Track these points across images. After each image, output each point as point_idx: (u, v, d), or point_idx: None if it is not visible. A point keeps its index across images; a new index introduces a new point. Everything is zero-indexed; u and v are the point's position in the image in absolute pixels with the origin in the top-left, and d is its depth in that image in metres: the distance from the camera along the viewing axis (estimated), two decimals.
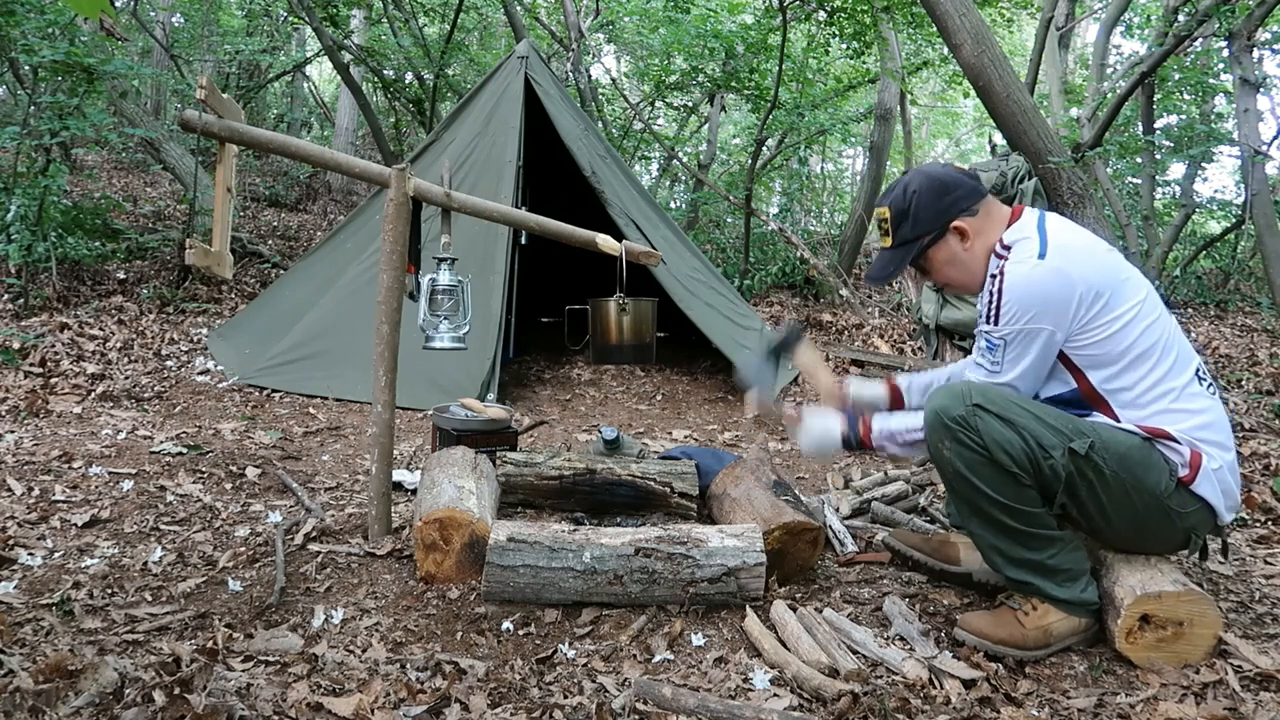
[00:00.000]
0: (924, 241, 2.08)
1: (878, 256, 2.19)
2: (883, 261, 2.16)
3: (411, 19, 9.50)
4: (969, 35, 4.82)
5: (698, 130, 12.02)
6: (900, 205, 2.08)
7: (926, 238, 2.07)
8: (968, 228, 2.05)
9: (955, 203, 2.05)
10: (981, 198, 2.07)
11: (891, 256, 2.13)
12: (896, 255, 2.12)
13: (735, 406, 5.10)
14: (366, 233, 5.28)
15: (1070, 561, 1.96)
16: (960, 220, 2.05)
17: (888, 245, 2.13)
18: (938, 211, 2.05)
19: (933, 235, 2.07)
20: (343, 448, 3.80)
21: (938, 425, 1.95)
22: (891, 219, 2.09)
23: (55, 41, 5.62)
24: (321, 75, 15.46)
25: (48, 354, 4.82)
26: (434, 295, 2.75)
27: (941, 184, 2.06)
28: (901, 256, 2.11)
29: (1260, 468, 3.59)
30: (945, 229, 2.06)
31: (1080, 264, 1.92)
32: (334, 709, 1.67)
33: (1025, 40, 14.54)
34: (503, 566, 2.11)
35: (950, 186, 2.06)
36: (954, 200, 2.05)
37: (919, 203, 2.06)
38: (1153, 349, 1.93)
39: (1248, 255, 9.39)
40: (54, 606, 2.05)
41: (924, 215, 2.06)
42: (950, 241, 2.07)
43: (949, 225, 2.05)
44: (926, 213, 2.05)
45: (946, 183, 2.06)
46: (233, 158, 2.53)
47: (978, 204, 2.06)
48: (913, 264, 2.13)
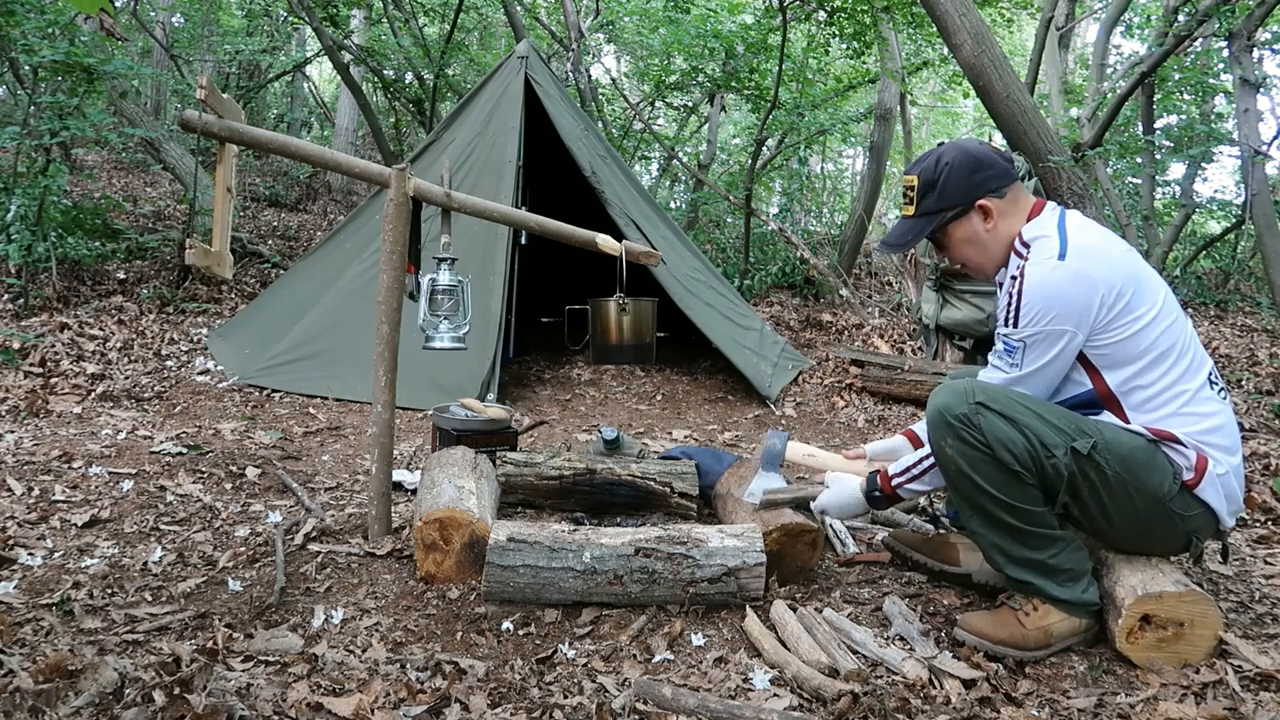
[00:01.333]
0: (947, 215, 2.05)
1: (897, 224, 2.16)
2: (901, 229, 2.13)
3: (411, 19, 9.50)
4: (969, 35, 4.82)
5: (698, 130, 12.02)
6: (930, 175, 2.05)
7: (951, 211, 2.05)
8: (993, 208, 2.03)
9: (986, 181, 2.03)
10: (1012, 181, 2.06)
11: (911, 225, 2.10)
12: (917, 224, 2.09)
13: (735, 406, 5.10)
14: (366, 233, 5.28)
15: (1071, 561, 1.96)
16: (987, 199, 2.03)
17: (909, 214, 2.10)
18: (968, 187, 2.03)
19: (958, 210, 2.05)
20: (343, 448, 3.80)
21: (940, 422, 1.94)
22: (919, 187, 2.07)
23: (55, 41, 5.62)
24: (321, 75, 15.46)
25: (48, 354, 4.82)
26: (434, 295, 2.75)
27: (976, 160, 2.04)
28: (922, 226, 2.08)
29: (1260, 468, 3.59)
30: (971, 205, 2.04)
31: (1101, 264, 1.91)
32: (334, 709, 1.67)
33: (1025, 40, 14.54)
34: (503, 566, 2.11)
35: (984, 164, 2.04)
36: (985, 178, 2.03)
37: (950, 175, 2.03)
38: (1170, 350, 1.92)
39: (1248, 255, 9.39)
40: (54, 606, 2.05)
41: (952, 188, 2.03)
42: (973, 219, 2.05)
43: (975, 202, 2.03)
44: (955, 186, 2.03)
45: (981, 159, 2.04)
46: (233, 158, 2.53)
47: (1007, 187, 2.05)
48: (931, 237, 2.10)
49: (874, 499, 2.20)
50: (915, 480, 2.12)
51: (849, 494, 2.23)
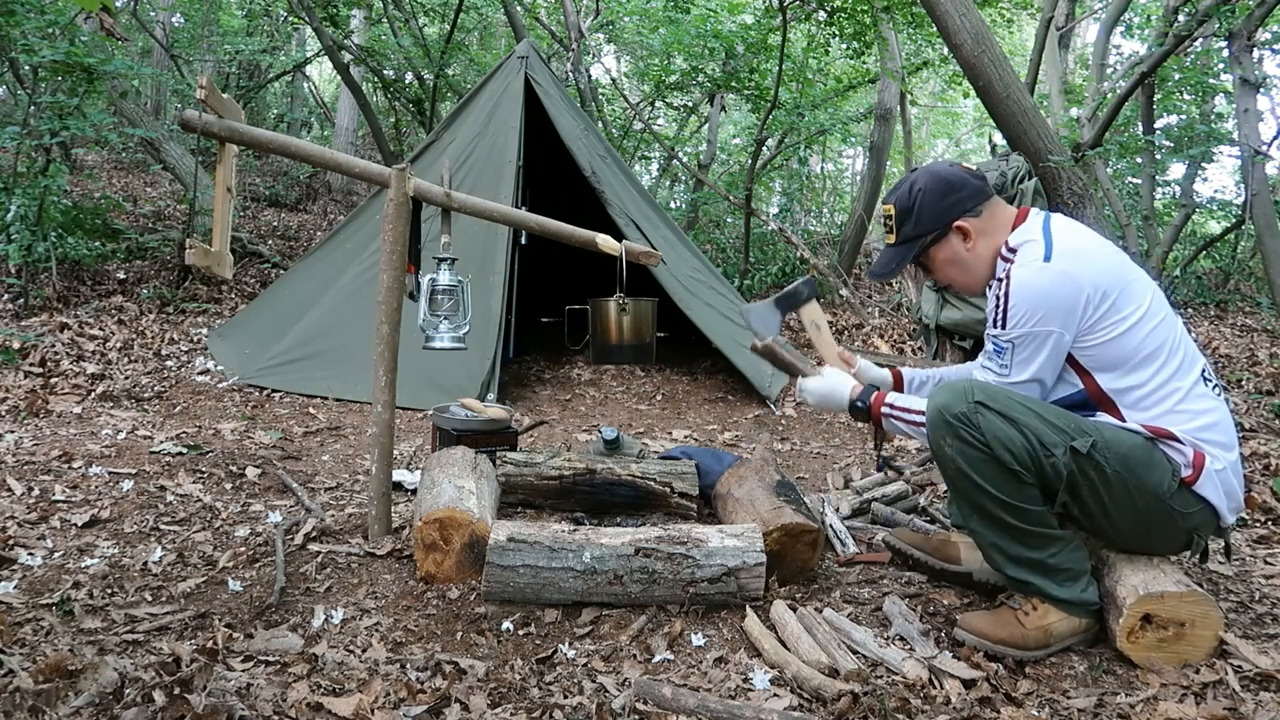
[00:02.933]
0: (926, 240, 2.10)
1: (881, 253, 2.21)
2: (885, 258, 2.18)
3: (411, 19, 9.50)
4: (969, 35, 4.82)
5: (698, 130, 12.02)
6: (905, 203, 2.10)
7: (929, 236, 2.09)
8: (970, 228, 2.06)
9: (959, 203, 2.06)
10: (987, 199, 2.09)
11: (894, 253, 2.15)
12: (899, 252, 2.14)
13: (735, 406, 5.10)
14: (366, 233, 5.28)
15: (1071, 561, 1.96)
16: (963, 220, 2.06)
17: (891, 242, 2.16)
18: (941, 211, 2.07)
19: (935, 234, 2.09)
20: (343, 448, 3.80)
21: (940, 422, 1.95)
22: (896, 216, 2.12)
23: (55, 41, 5.62)
24: (321, 75, 15.46)
25: (48, 354, 4.82)
26: (434, 295, 2.75)
27: (946, 183, 2.07)
28: (904, 254, 2.13)
29: (1260, 468, 3.59)
30: (948, 228, 2.07)
31: (1086, 265, 1.93)
32: (334, 709, 1.67)
33: (1025, 40, 14.54)
34: (503, 566, 2.11)
35: (955, 186, 2.07)
36: (957, 200, 2.06)
37: (923, 201, 2.07)
38: (1159, 350, 1.93)
39: (1248, 255, 9.39)
40: (54, 606, 2.05)
41: (926, 214, 2.08)
42: (952, 241, 2.09)
43: (951, 225, 2.07)
44: (929, 211, 2.07)
45: (952, 182, 2.07)
46: (233, 158, 2.53)
47: (982, 205, 2.08)
48: (915, 262, 2.15)
49: (855, 408, 2.19)
50: (904, 423, 2.11)
51: (836, 392, 2.23)
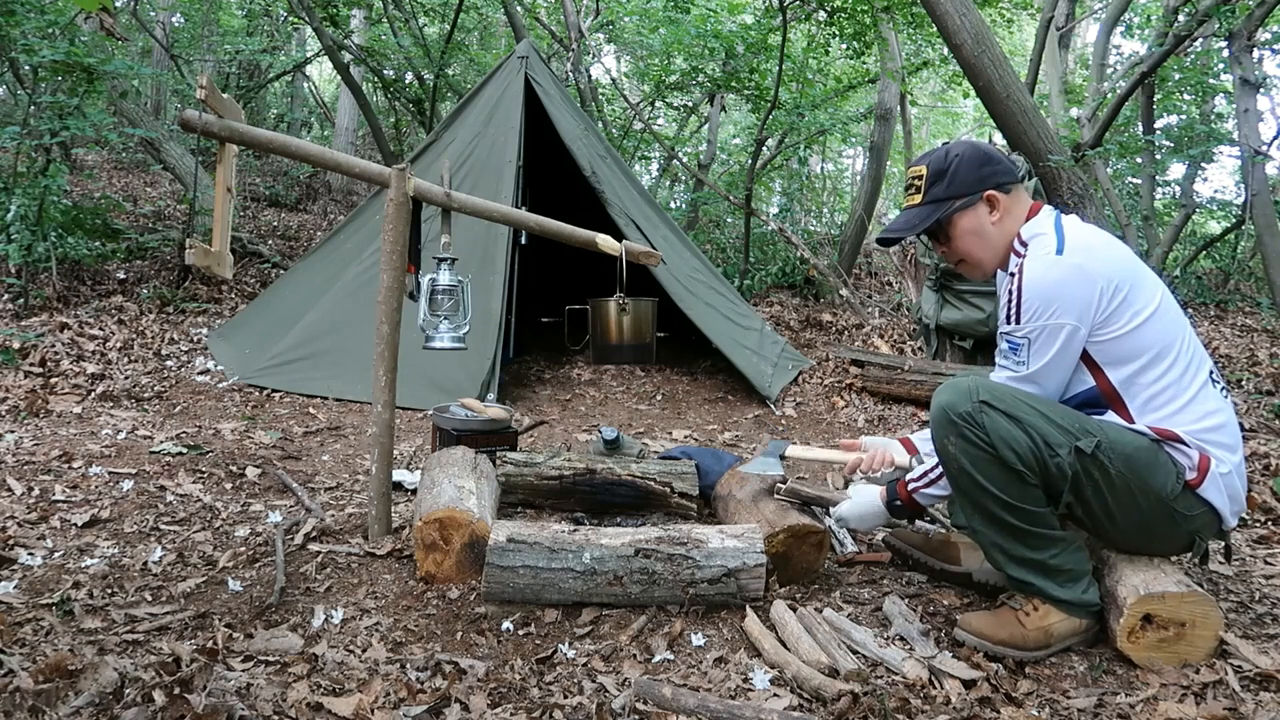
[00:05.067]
0: (956, 204, 2.07)
1: (900, 214, 2.17)
2: (906, 217, 2.13)
3: (411, 19, 9.49)
4: (969, 35, 4.82)
5: (698, 130, 12.01)
6: (940, 165, 2.08)
7: (960, 200, 2.06)
8: (1000, 200, 2.06)
9: (994, 174, 2.07)
10: (1017, 181, 2.10)
11: (918, 213, 2.11)
12: (923, 211, 2.10)
13: (735, 406, 5.10)
14: (366, 233, 5.28)
15: (1072, 562, 1.96)
16: (995, 191, 2.06)
17: (915, 203, 2.11)
18: (978, 177, 2.06)
19: (966, 199, 2.06)
20: (343, 448, 3.80)
21: (944, 421, 1.94)
22: (927, 176, 2.09)
23: (55, 41, 5.62)
24: (321, 75, 15.45)
25: (48, 354, 4.82)
26: (434, 295, 2.75)
27: (985, 154, 2.09)
28: (929, 214, 2.09)
29: (1260, 468, 3.59)
30: (980, 195, 2.06)
31: (1098, 259, 1.93)
32: (334, 709, 1.67)
33: (1025, 40, 14.54)
34: (502, 567, 2.11)
35: (993, 159, 2.09)
36: (994, 171, 2.07)
37: (960, 164, 2.06)
38: (1169, 348, 1.93)
39: (1248, 255, 9.38)
40: (54, 606, 2.05)
41: (962, 176, 2.06)
42: (980, 210, 2.07)
43: (984, 192, 2.05)
44: (966, 174, 2.06)
45: (990, 154, 2.10)
46: (233, 158, 2.53)
47: (1012, 185, 2.09)
48: (934, 231, 2.11)
49: (895, 508, 2.23)
50: (932, 485, 2.14)
51: (870, 504, 2.28)
